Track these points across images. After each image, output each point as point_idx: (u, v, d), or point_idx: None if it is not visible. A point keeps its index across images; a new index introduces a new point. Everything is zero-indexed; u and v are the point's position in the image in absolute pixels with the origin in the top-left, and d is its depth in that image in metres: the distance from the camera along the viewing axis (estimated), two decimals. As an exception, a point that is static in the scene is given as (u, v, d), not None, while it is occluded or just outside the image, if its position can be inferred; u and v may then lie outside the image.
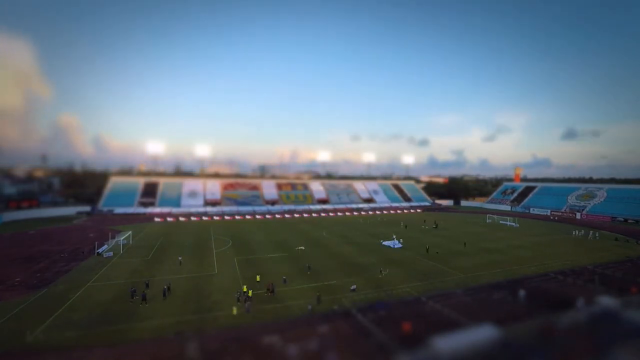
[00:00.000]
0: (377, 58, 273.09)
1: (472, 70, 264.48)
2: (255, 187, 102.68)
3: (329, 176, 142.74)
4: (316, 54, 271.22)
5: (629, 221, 69.00)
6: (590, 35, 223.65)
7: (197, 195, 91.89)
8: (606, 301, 13.46)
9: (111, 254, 37.17)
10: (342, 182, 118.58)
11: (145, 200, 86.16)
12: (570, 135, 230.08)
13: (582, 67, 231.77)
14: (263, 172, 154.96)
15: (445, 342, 10.69)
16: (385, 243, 44.92)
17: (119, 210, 79.08)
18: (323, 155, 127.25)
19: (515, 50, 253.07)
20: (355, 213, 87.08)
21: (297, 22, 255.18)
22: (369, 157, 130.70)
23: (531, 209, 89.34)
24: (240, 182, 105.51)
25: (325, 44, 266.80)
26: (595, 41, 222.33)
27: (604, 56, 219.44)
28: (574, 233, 54.41)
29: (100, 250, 38.33)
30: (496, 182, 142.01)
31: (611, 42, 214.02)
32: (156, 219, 70.08)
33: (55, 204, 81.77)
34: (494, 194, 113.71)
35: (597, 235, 51.74)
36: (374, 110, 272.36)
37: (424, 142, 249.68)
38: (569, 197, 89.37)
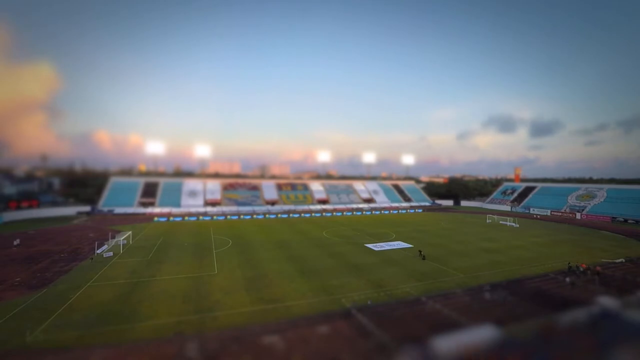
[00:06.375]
0: (372, 56, 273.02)
1: (470, 63, 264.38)
2: (255, 187, 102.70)
3: (329, 176, 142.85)
4: (314, 53, 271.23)
5: (629, 221, 69.01)
6: (600, 22, 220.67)
7: (197, 195, 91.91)
8: (606, 301, 13.45)
9: (111, 253, 37.17)
10: (342, 182, 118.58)
11: (145, 200, 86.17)
12: (578, 131, 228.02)
13: (586, 61, 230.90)
14: (263, 172, 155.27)
15: (445, 342, 10.70)
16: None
17: (119, 210, 79.08)
18: (323, 156, 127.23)
19: (515, 44, 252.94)
20: (355, 213, 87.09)
21: (295, 21, 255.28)
22: (369, 157, 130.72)
23: (531, 209, 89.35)
24: (240, 182, 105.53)
25: (322, 43, 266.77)
26: (606, 28, 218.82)
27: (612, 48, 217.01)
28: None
29: (100, 250, 38.34)
30: (496, 182, 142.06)
31: (620, 32, 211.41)
32: (156, 219, 70.11)
33: (55, 204, 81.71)
34: (494, 194, 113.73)
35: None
36: (372, 108, 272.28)
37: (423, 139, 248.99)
38: (569, 197, 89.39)
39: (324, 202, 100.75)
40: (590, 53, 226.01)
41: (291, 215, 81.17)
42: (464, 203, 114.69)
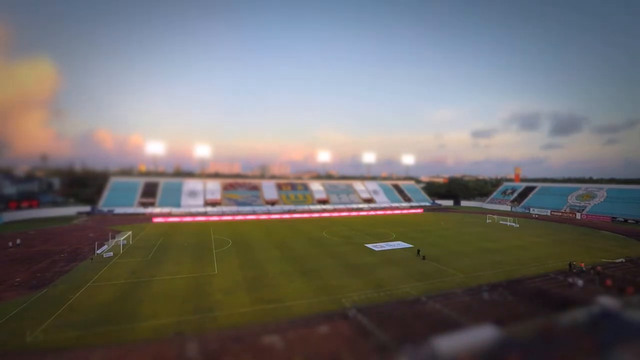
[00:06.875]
0: (373, 55, 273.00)
1: (469, 61, 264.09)
2: (255, 187, 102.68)
3: (329, 176, 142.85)
4: (314, 52, 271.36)
5: (629, 221, 69.01)
6: (599, 18, 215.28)
7: (197, 195, 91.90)
8: (606, 301, 13.44)
9: (111, 254, 37.17)
10: (342, 182, 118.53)
11: (145, 200, 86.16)
12: (602, 128, 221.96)
13: (588, 57, 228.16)
14: (263, 172, 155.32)
15: (445, 342, 10.69)
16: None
17: (119, 210, 79.07)
18: (323, 156, 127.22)
19: (515, 40, 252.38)
20: (355, 213, 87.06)
21: (295, 21, 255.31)
22: (369, 157, 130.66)
23: (531, 209, 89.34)
24: (240, 182, 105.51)
25: (323, 42, 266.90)
26: (607, 25, 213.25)
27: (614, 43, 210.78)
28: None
29: (100, 251, 38.33)
30: (496, 182, 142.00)
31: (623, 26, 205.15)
32: (156, 219, 70.12)
33: (55, 204, 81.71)
34: (494, 194, 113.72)
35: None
36: (372, 108, 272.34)
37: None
38: (569, 197, 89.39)
39: (324, 202, 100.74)
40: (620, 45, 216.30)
41: (291, 215, 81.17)
42: (464, 203, 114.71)
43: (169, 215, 76.47)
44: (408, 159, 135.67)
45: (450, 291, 25.76)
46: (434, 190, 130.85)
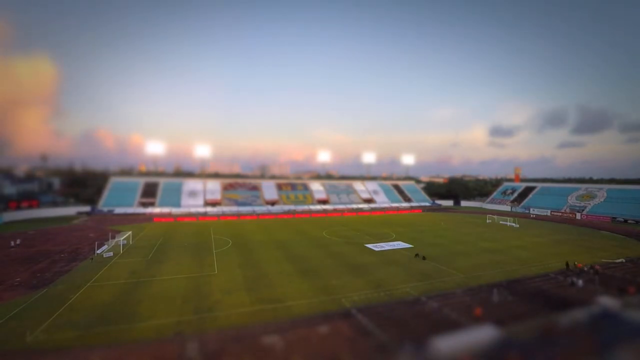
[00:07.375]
0: (374, 55, 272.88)
1: (471, 60, 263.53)
2: (255, 187, 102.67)
3: (329, 176, 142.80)
4: (315, 52, 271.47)
5: (629, 221, 68.99)
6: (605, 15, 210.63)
7: (197, 195, 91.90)
8: (606, 301, 13.45)
9: (111, 254, 37.16)
10: (342, 182, 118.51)
11: (145, 200, 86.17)
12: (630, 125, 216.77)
13: (590, 53, 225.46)
14: (263, 172, 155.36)
15: (445, 342, 10.69)
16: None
17: (119, 210, 79.08)
18: (323, 156, 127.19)
19: (516, 39, 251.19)
20: (355, 213, 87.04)
21: (295, 21, 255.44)
22: (369, 157, 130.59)
23: (531, 209, 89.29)
24: (240, 182, 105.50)
25: (320, 41, 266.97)
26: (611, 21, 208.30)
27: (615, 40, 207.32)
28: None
29: (100, 251, 38.33)
30: (496, 182, 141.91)
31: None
32: (156, 219, 70.09)
33: (55, 204, 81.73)
34: (494, 194, 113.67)
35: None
36: (373, 108, 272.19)
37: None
38: (569, 198, 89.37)
39: (324, 202, 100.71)
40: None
41: (291, 215, 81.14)
42: (464, 203, 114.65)
43: (169, 215, 76.46)
44: (408, 159, 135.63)
45: (450, 291, 25.76)
46: (434, 190, 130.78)
